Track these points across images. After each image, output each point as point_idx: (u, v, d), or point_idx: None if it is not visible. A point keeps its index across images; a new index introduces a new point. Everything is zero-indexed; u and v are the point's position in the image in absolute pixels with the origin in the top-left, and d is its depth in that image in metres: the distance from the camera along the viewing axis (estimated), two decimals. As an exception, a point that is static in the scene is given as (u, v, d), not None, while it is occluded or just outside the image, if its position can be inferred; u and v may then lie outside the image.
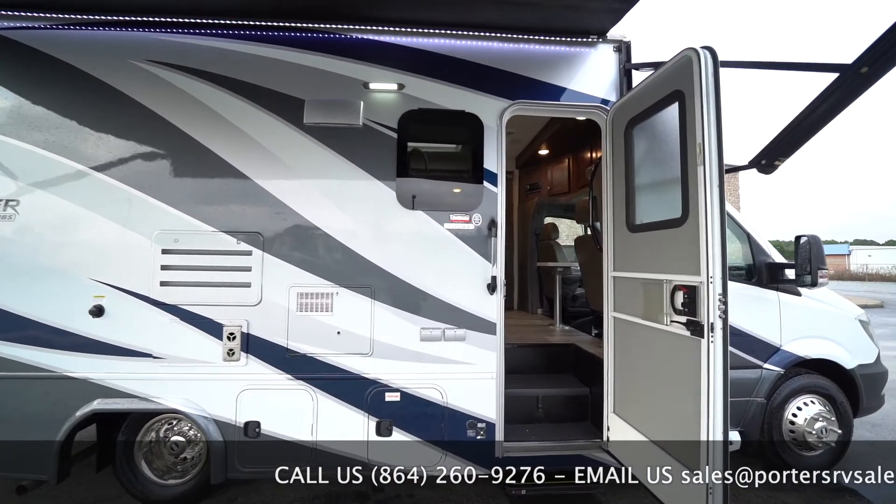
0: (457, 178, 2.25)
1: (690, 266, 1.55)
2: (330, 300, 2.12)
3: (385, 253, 2.15)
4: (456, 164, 2.27)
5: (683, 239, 1.60)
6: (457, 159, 2.28)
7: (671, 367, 1.65)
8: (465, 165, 2.25)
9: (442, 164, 2.25)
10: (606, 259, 2.26)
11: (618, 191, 2.19)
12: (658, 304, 1.71)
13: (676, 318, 1.61)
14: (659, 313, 1.70)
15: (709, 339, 1.43)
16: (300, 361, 2.10)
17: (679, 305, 1.60)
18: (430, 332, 2.13)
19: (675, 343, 1.62)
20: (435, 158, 2.24)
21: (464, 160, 2.28)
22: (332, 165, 2.15)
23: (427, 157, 2.25)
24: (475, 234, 2.19)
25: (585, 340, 3.07)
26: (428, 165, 2.24)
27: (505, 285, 2.22)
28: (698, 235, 1.49)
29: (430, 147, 2.28)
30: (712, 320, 1.43)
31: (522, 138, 4.26)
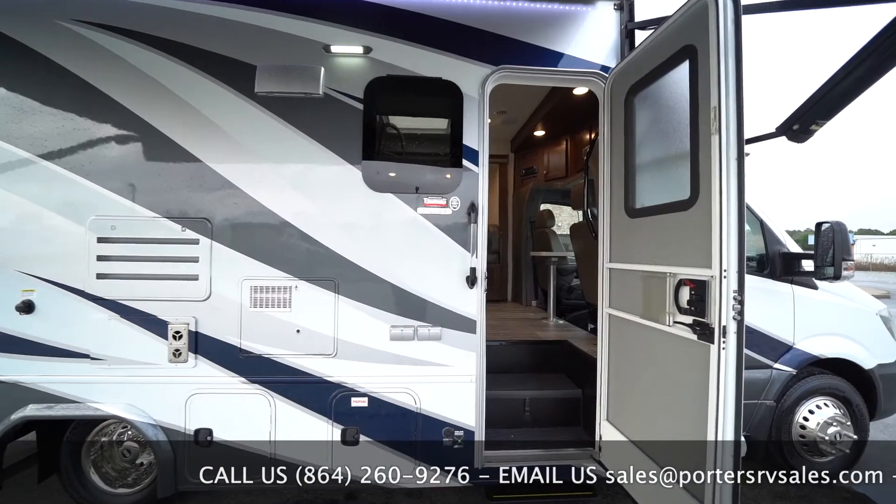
0: (432, 156, 1.98)
1: (699, 257, 1.29)
2: (288, 295, 1.88)
3: (350, 241, 1.90)
4: (431, 140, 1.99)
5: (691, 224, 1.34)
6: (432, 135, 2.01)
7: (673, 375, 1.41)
8: (442, 142, 1.98)
9: (415, 140, 1.98)
10: (602, 248, 2.00)
11: (616, 170, 1.91)
12: (659, 302, 1.46)
13: (681, 318, 1.36)
14: (660, 312, 1.45)
15: (720, 346, 1.18)
16: (255, 363, 1.88)
17: (684, 303, 1.35)
18: (400, 331, 1.90)
19: (678, 348, 1.37)
20: (407, 133, 1.97)
21: (440, 136, 2.00)
22: (288, 141, 1.88)
23: (398, 131, 1.98)
24: (453, 220, 1.93)
25: (580, 337, 2.84)
26: (399, 141, 1.97)
27: (487, 278, 1.97)
28: (710, 220, 1.23)
29: (402, 120, 2.00)
30: (725, 323, 1.18)
31: (517, 118, 3.95)
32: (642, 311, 1.60)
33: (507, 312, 3.80)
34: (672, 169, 1.54)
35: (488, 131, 1.97)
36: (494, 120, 4.04)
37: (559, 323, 3.34)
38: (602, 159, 2.03)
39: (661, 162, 1.63)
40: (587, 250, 2.90)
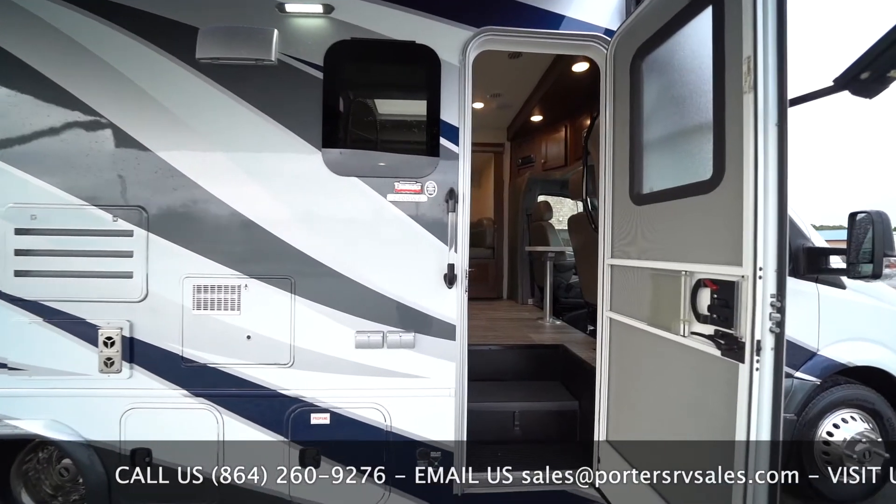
0: (404, 133, 1.70)
1: (724, 251, 1.02)
2: (236, 295, 1.62)
3: (309, 233, 1.63)
4: (403, 115, 1.71)
5: (714, 210, 1.06)
6: (405, 109, 1.73)
7: (689, 398, 1.15)
8: (417, 117, 1.70)
9: (384, 115, 1.70)
10: (602, 242, 1.73)
11: (619, 150, 1.63)
12: (672, 306, 1.19)
13: (699, 327, 1.09)
14: (672, 319, 1.18)
15: (752, 365, 0.92)
16: (199, 373, 1.63)
17: (704, 309, 1.08)
18: (367, 337, 1.64)
19: (695, 364, 1.10)
20: (375, 107, 1.69)
21: (414, 110, 1.72)
22: (236, 116, 1.61)
23: (364, 104, 1.70)
24: (429, 208, 1.66)
25: (577, 340, 2.57)
26: (365, 116, 1.69)
27: (469, 276, 1.71)
28: (740, 204, 0.95)
29: (369, 92, 1.72)
30: (759, 336, 0.91)
31: (512, 102, 3.66)
32: (650, 316, 1.33)
33: (501, 311, 3.53)
34: (688, 144, 1.26)
35: (471, 104, 1.69)
36: (489, 105, 3.75)
37: (556, 324, 3.07)
38: (603, 139, 1.75)
39: (674, 137, 1.35)
40: (586, 244, 2.63)
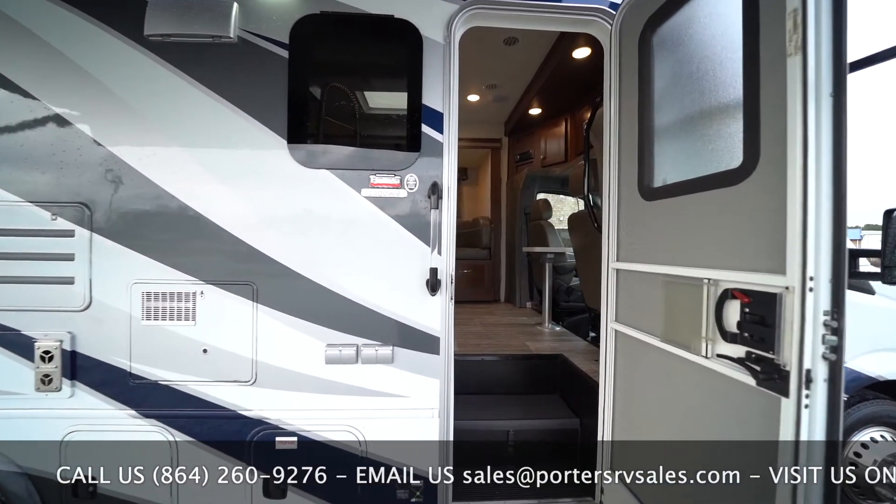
0: (381, 120, 1.51)
1: (760, 255, 0.82)
2: (191, 303, 1.44)
3: (273, 233, 1.44)
4: (381, 99, 1.52)
5: (746, 205, 0.86)
6: (382, 92, 1.53)
7: (713, 431, 0.95)
8: (395, 102, 1.50)
9: (359, 100, 1.51)
10: (606, 243, 1.53)
11: (626, 139, 1.43)
12: (691, 321, 0.99)
13: (727, 347, 0.89)
14: (692, 336, 0.98)
15: (801, 401, 0.72)
16: (150, 392, 1.44)
17: (732, 326, 0.88)
18: (339, 352, 1.45)
19: (722, 393, 0.90)
20: (348, 90, 1.50)
21: (393, 94, 1.53)
22: (190, 101, 1.42)
23: (336, 88, 1.51)
24: (409, 204, 1.46)
25: (578, 349, 2.37)
26: (337, 101, 1.50)
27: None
28: (783, 196, 0.76)
29: (341, 73, 1.53)
30: (810, 364, 0.71)
31: (510, 94, 3.46)
32: (664, 331, 1.14)
33: (497, 316, 3.34)
34: (709, 128, 1.06)
35: (457, 88, 1.49)
36: (484, 97, 3.55)
37: (555, 330, 2.87)
38: (607, 128, 1.55)
39: (692, 120, 1.15)
40: (588, 245, 2.43)
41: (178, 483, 1.43)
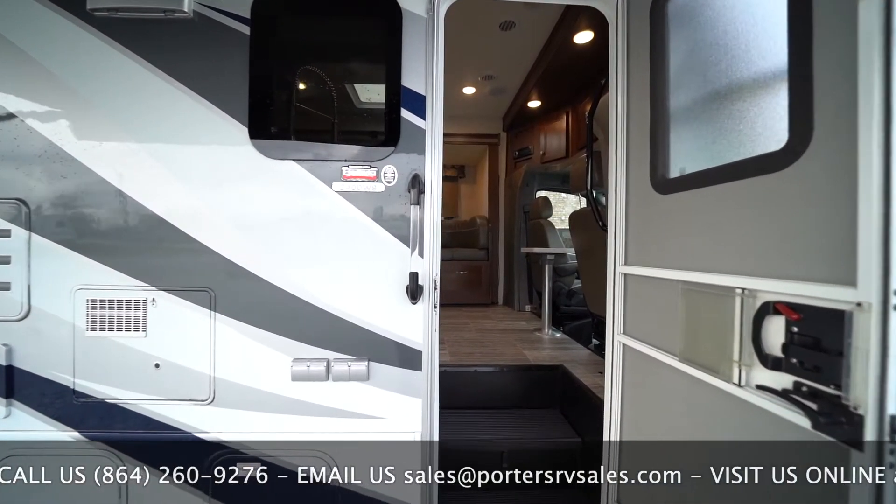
0: (355, 105, 1.34)
1: (817, 260, 0.63)
2: (142, 312, 1.27)
3: (233, 233, 1.28)
4: (354, 80, 1.35)
5: (795, 195, 0.68)
6: (356, 73, 1.36)
7: (748, 477, 0.76)
8: (371, 83, 1.33)
9: (329, 81, 1.34)
10: (613, 244, 1.34)
11: (636, 125, 1.25)
12: (720, 339, 0.80)
13: (767, 376, 0.71)
14: (720, 358, 0.80)
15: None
16: (96, 411, 1.28)
17: (776, 349, 0.70)
18: (307, 367, 1.28)
19: (762, 432, 0.72)
20: (317, 71, 1.33)
21: (368, 74, 1.36)
22: (140, 84, 1.26)
23: (303, 68, 1.33)
24: (386, 200, 1.29)
25: (580, 359, 2.19)
26: (305, 83, 1.33)
27: (438, 288, 1.34)
28: (848, 183, 0.57)
29: (310, 51, 1.36)
30: (894, 411, 0.52)
31: (507, 86, 3.27)
32: (683, 348, 0.95)
33: (494, 321, 3.15)
34: (738, 104, 0.87)
35: (442, 68, 1.32)
36: (481, 90, 3.38)
37: (555, 336, 2.68)
38: (613, 114, 1.36)
39: (718, 96, 0.96)
40: (591, 246, 2.24)
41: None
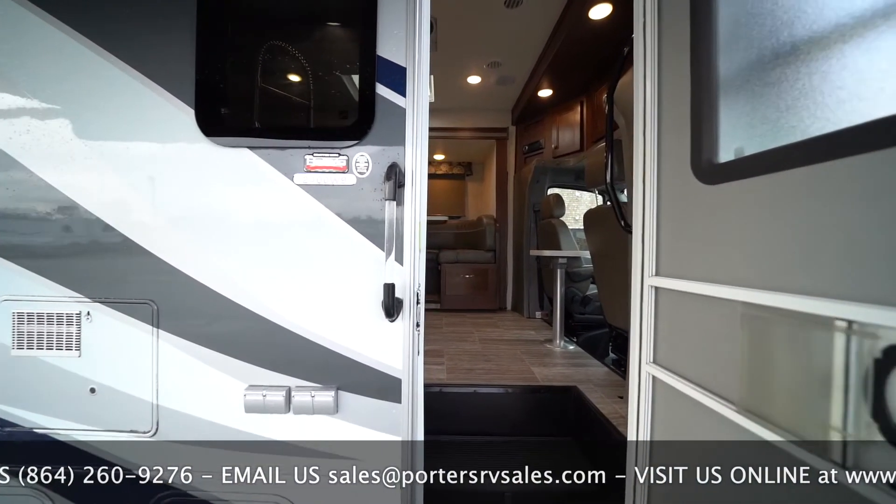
0: (321, 80, 1.11)
1: None
2: (75, 327, 1.09)
3: (178, 235, 1.08)
4: (319, 49, 1.12)
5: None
6: (321, 41, 1.14)
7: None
8: (340, 53, 1.11)
9: (289, 50, 1.12)
10: (639, 249, 1.07)
11: (670, 100, 0.98)
12: (809, 392, 0.54)
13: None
14: (809, 422, 0.54)
15: None
16: (22, 443, 1.10)
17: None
18: (262, 397, 1.06)
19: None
20: (276, 42, 1.11)
21: (336, 42, 1.13)
22: (69, 58, 1.07)
23: (260, 37, 1.12)
24: (358, 195, 1.07)
25: (597, 378, 1.92)
26: (262, 55, 1.11)
27: (421, 302, 1.10)
28: None
29: (267, 17, 1.14)
30: None
31: (516, 74, 3.01)
32: (745, 396, 0.69)
33: (501, 329, 2.90)
34: (837, 49, 0.61)
35: (427, 34, 1.08)
36: (487, 79, 3.13)
37: (568, 349, 2.41)
38: (640, 90, 1.10)
39: (795, 50, 0.69)
40: (609, 249, 1.97)
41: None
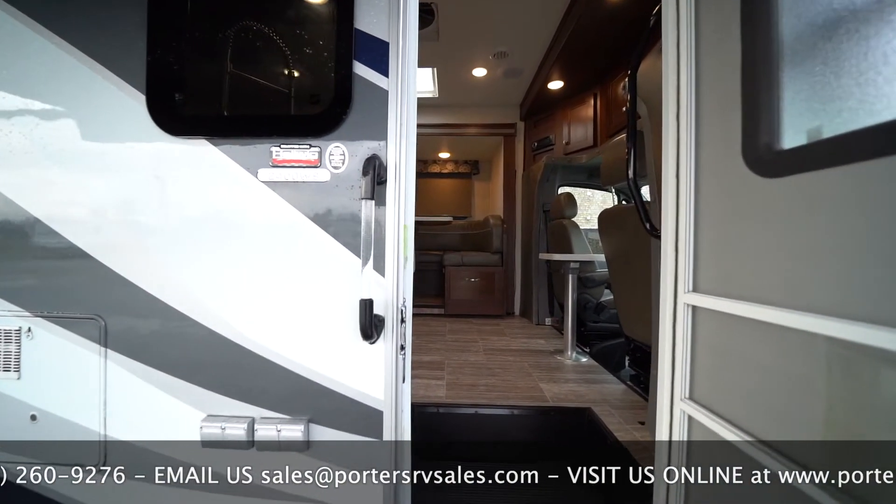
0: (289, 59, 0.95)
1: None
2: (14, 346, 0.96)
3: (128, 239, 0.93)
4: (289, 28, 0.97)
5: None
6: (291, 18, 0.98)
7: None
8: (312, 30, 0.95)
9: (255, 30, 0.97)
10: (671, 257, 0.88)
11: (712, 72, 0.79)
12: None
13: None
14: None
15: None
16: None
17: None
18: (220, 428, 0.91)
19: None
20: (239, 18, 0.96)
21: (306, 16, 0.97)
22: (5, 39, 0.94)
23: (220, 11, 0.97)
24: (333, 193, 0.91)
25: (614, 398, 1.72)
26: (223, 33, 0.96)
27: (406, 321, 0.94)
28: None
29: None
30: None
31: (524, 65, 2.82)
32: (830, 460, 0.50)
33: (507, 338, 2.71)
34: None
35: (416, 4, 0.92)
36: (493, 72, 2.95)
37: (581, 362, 2.22)
38: (670, 63, 0.91)
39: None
40: (627, 253, 1.77)
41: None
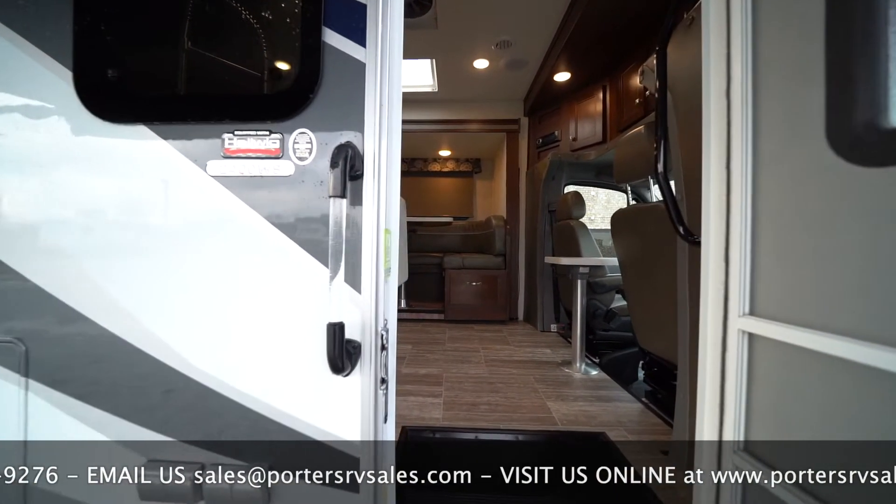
0: (244, 28, 0.79)
1: None
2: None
3: (53, 247, 0.78)
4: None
5: None
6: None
7: None
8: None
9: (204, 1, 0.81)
10: (718, 273, 0.71)
11: (776, 30, 0.62)
12: None
13: None
14: None
15: None
16: None
17: None
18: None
19: None
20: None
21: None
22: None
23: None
24: (299, 189, 0.74)
25: (629, 419, 1.54)
26: (164, 2, 0.80)
27: (388, 349, 0.77)
28: None
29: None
30: None
31: (529, 56, 2.65)
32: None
33: (511, 347, 2.54)
34: None
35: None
36: (496, 63, 2.78)
37: (590, 375, 2.04)
38: (716, 21, 0.73)
39: None
40: (642, 257, 1.59)
41: None
